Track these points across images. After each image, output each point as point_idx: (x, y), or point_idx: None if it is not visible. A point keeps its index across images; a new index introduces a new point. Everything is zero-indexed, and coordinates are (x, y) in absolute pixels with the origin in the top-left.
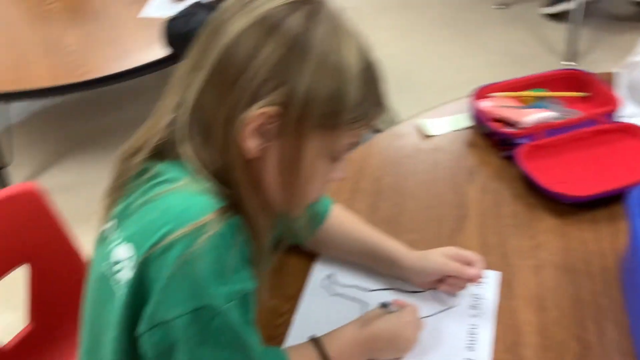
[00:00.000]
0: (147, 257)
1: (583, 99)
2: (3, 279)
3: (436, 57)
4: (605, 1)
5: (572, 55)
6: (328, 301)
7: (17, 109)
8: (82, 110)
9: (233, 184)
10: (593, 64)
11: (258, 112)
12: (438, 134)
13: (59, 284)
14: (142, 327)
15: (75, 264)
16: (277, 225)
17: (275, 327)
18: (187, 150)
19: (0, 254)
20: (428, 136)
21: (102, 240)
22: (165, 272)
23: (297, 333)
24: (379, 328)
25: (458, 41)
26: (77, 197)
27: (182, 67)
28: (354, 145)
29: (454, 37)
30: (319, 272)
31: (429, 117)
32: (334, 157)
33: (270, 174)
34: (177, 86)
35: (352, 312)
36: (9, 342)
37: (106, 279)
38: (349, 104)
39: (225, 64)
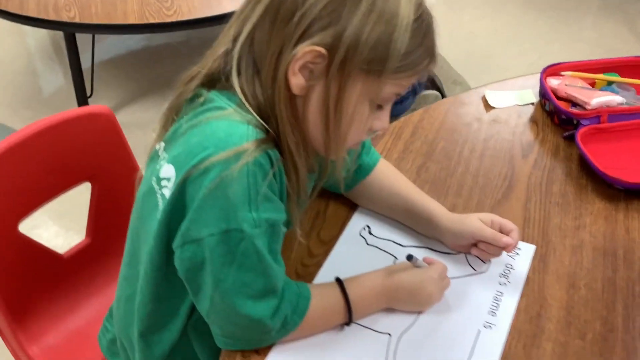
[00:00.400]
0: (187, 178)
1: None
2: (68, 193)
3: (522, 39)
4: None
5: None
6: (362, 250)
7: (106, 48)
8: (167, 55)
9: (276, 118)
10: None
11: (306, 49)
12: (500, 106)
13: (117, 204)
14: (176, 242)
15: (134, 188)
16: (320, 169)
17: (306, 266)
18: (236, 81)
19: (67, 170)
20: (490, 107)
21: (154, 157)
22: (201, 192)
23: (326, 275)
24: (402, 280)
25: (548, 26)
26: (150, 135)
27: (244, 1)
28: (397, 95)
29: (545, 21)
30: (357, 222)
31: (494, 89)
32: (377, 105)
33: (313, 113)
34: (237, 19)
35: (384, 264)
36: (67, 251)
37: (153, 194)
38: (396, 52)
39: (280, 0)
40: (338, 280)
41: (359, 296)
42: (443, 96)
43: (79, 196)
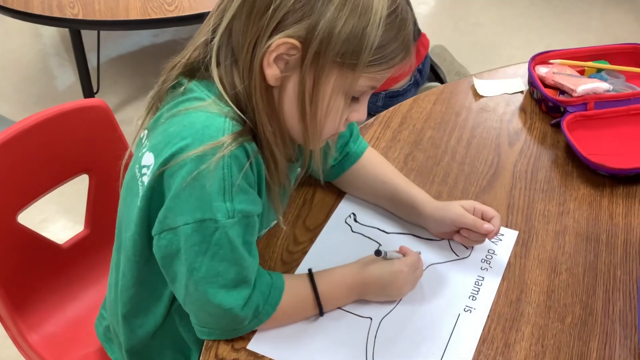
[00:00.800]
0: (165, 168)
1: None
2: (66, 185)
3: (528, 30)
4: None
5: None
6: (347, 237)
7: (113, 45)
8: (173, 51)
9: (253, 108)
10: None
11: (280, 41)
12: (489, 95)
13: (115, 196)
14: (154, 229)
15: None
16: (301, 159)
17: (291, 253)
18: (215, 71)
19: (63, 162)
20: (479, 96)
21: (139, 144)
22: (179, 182)
23: (310, 262)
24: (373, 273)
25: (555, 16)
26: None
27: None
28: (373, 88)
29: (552, 11)
30: (343, 210)
31: (483, 78)
32: (352, 97)
33: (288, 104)
34: (217, 9)
35: (368, 251)
36: (66, 242)
37: (135, 180)
38: (369, 46)
39: None
40: (310, 272)
41: (329, 290)
42: None
43: (78, 188)
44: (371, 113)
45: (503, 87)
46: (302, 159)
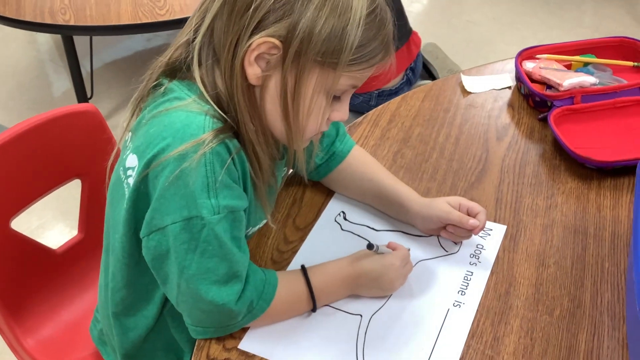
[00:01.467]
0: (148, 169)
1: (635, 68)
2: (62, 190)
3: (520, 27)
4: None
5: None
6: (337, 235)
7: (107, 49)
8: None
9: (235, 108)
10: None
11: (260, 40)
12: (477, 91)
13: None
14: (142, 231)
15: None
16: (286, 157)
17: (282, 252)
18: (196, 71)
19: (55, 167)
20: (467, 93)
21: (124, 147)
22: (163, 182)
23: (301, 261)
24: (365, 267)
25: (546, 13)
26: None
27: None
28: (354, 87)
29: (545, 8)
30: (333, 208)
31: (471, 74)
32: (334, 96)
33: (270, 103)
34: (199, 9)
35: (358, 249)
36: (60, 247)
37: (120, 182)
38: (349, 45)
39: None
40: (303, 268)
41: (322, 284)
42: None
43: (72, 193)
44: (364, 112)
45: (491, 83)
46: (287, 158)
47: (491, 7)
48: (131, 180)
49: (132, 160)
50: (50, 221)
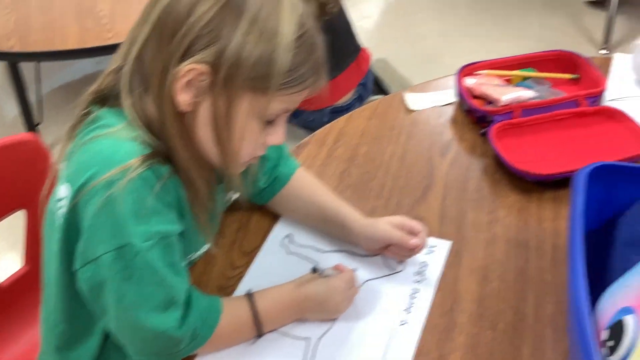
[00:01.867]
0: (77, 198)
1: (573, 80)
2: (5, 221)
3: (468, 39)
4: None
5: (608, 43)
6: (283, 259)
7: (58, 74)
8: None
9: (166, 135)
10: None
11: (188, 67)
12: (420, 108)
13: None
14: (76, 264)
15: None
16: (224, 182)
17: (228, 278)
18: (126, 99)
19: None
20: (412, 110)
21: (59, 177)
22: (92, 212)
23: (247, 286)
24: (310, 291)
25: (493, 25)
26: None
27: (137, 19)
28: (287, 111)
29: (492, 20)
30: (279, 232)
31: (415, 91)
32: (267, 121)
33: (202, 129)
34: (130, 36)
35: (304, 272)
36: (5, 280)
37: (52, 214)
38: (280, 69)
39: (165, 19)
40: (248, 293)
41: (268, 309)
42: None
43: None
44: (319, 129)
45: (434, 99)
46: (225, 182)
47: (440, 21)
48: (62, 211)
49: (63, 190)
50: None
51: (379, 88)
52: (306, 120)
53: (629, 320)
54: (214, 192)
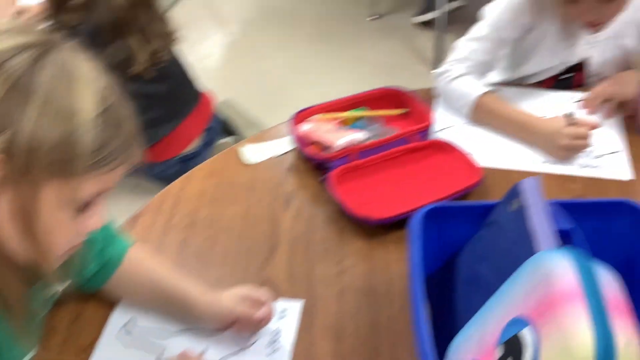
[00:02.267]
0: None
1: (404, 116)
2: None
3: (312, 70)
4: (468, 7)
5: (439, 62)
6: (126, 347)
7: None
8: None
9: None
10: None
11: None
12: (258, 161)
13: None
14: None
15: None
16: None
17: None
18: None
19: None
20: (250, 164)
21: None
22: None
23: None
24: None
25: (334, 54)
26: None
27: None
28: (106, 190)
29: (331, 49)
30: (118, 320)
31: (252, 142)
32: (80, 207)
33: (5, 225)
34: None
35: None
36: None
37: None
38: (83, 150)
39: None
40: None
41: None
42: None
43: None
44: (171, 180)
45: (271, 149)
46: (45, 279)
47: (282, 55)
48: None
49: None
50: None
51: (228, 130)
52: (155, 172)
53: (526, 333)
54: (28, 295)
